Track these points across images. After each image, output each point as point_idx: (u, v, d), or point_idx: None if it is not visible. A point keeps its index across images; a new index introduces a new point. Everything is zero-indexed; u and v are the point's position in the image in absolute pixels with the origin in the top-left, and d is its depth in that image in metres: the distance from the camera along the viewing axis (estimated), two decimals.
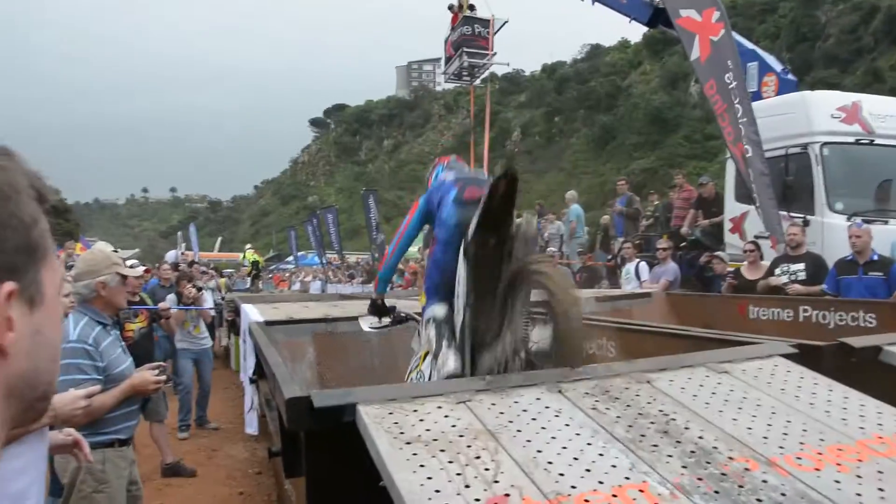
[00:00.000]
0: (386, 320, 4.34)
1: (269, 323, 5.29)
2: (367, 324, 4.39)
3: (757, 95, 11.04)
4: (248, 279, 23.09)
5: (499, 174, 3.10)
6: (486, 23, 18.29)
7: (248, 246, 30.69)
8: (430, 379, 3.53)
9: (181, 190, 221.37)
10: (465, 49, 18.25)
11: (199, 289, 8.85)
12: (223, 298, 15.39)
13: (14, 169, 0.75)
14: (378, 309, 4.31)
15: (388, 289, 4.68)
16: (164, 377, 3.73)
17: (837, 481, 1.60)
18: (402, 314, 4.36)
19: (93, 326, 3.56)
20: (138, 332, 6.77)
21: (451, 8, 18.85)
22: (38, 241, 0.75)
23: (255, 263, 25.21)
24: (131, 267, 6.42)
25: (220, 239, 70.87)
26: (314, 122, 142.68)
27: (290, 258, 40.75)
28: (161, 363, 3.88)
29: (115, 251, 4.42)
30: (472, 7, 18.47)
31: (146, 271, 6.81)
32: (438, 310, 3.76)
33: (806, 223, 8.58)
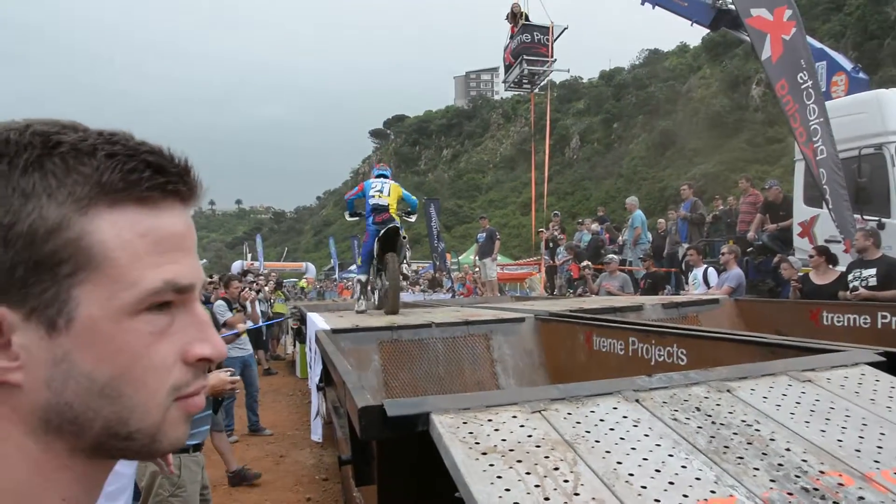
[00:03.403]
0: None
1: (335, 331, 5.32)
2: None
3: (826, 96, 10.74)
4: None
5: (386, 229, 7.57)
6: (545, 30, 18.31)
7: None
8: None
9: (246, 202, 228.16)
10: (525, 56, 18.28)
11: (258, 291, 9.31)
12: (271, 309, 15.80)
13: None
14: (351, 210, 8.44)
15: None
16: (238, 378, 3.83)
17: None
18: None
19: None
20: None
21: (508, 18, 18.94)
22: (59, 252, 0.62)
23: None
24: None
25: (286, 249, 72.21)
26: (374, 134, 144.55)
27: (353, 266, 41.23)
28: (229, 368, 3.95)
29: None
30: (527, 17, 18.52)
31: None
32: (362, 276, 8.34)
33: (881, 226, 8.30)
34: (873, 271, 7.25)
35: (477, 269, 18.95)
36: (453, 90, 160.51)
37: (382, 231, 7.57)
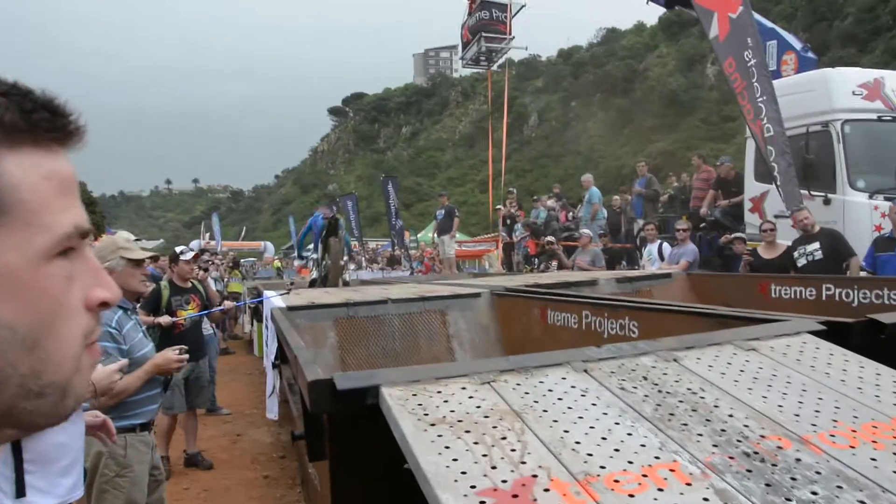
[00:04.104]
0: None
1: (291, 308, 5.27)
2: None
3: (776, 74, 10.94)
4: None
5: (330, 218, 9.97)
6: (503, 7, 18.36)
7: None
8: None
9: (203, 181, 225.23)
10: (483, 34, 18.31)
11: (205, 269, 9.23)
12: (226, 289, 15.55)
13: None
14: (300, 251, 13.04)
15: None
16: (186, 357, 3.74)
17: (874, 459, 1.55)
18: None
19: (115, 310, 3.53)
20: (189, 319, 6.75)
21: None
22: None
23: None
24: (181, 253, 6.46)
25: (244, 228, 71.39)
26: (333, 111, 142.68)
27: (311, 245, 40.81)
28: (183, 346, 3.86)
29: (138, 240, 4.34)
30: None
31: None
32: (313, 255, 10.75)
33: (827, 201, 8.53)
34: (817, 245, 7.52)
35: (436, 246, 18.96)
36: (412, 67, 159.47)
37: (326, 224, 9.87)
